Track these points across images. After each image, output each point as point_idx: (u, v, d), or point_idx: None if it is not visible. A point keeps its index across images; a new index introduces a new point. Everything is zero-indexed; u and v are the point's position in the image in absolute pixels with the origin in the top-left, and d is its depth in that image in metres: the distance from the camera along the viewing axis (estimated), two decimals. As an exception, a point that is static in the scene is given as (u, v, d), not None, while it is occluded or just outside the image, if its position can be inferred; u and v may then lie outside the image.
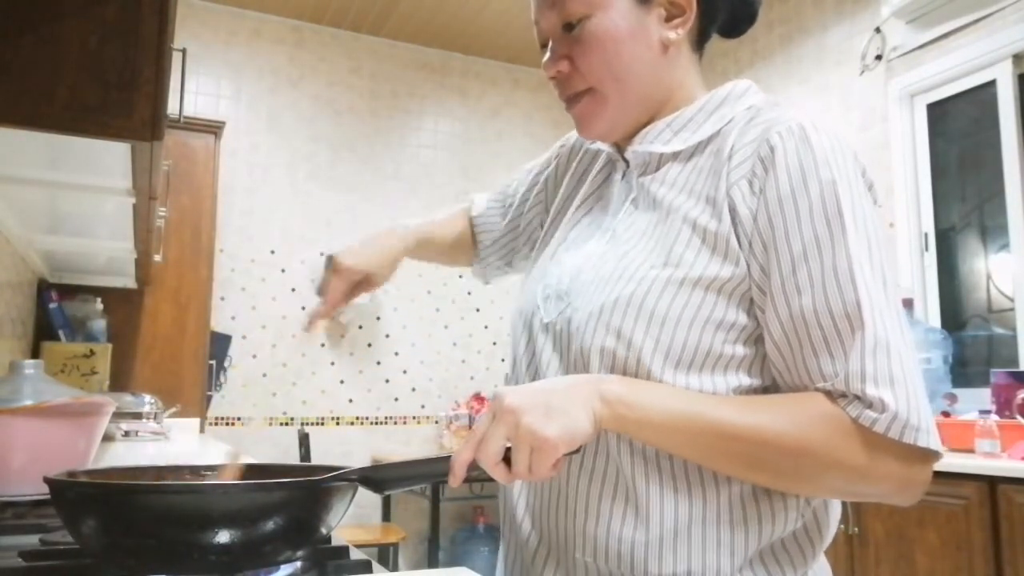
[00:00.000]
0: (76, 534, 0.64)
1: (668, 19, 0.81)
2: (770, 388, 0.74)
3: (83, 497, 0.62)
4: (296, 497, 0.64)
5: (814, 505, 0.77)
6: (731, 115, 0.80)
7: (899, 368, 0.66)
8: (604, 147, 0.91)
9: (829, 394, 0.68)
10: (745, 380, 0.73)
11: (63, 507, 0.64)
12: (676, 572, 0.72)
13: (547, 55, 0.84)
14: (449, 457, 0.66)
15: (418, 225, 1.07)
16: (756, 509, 0.73)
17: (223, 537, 0.59)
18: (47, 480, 0.64)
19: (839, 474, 0.67)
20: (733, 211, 0.73)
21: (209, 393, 3.61)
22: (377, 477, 0.69)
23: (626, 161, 0.86)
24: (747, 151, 0.74)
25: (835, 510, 0.80)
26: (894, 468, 0.66)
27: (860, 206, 0.71)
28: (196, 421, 3.28)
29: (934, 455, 0.67)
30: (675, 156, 0.81)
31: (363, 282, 0.98)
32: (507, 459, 0.65)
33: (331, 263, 0.97)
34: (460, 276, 4.36)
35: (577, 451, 0.66)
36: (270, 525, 0.61)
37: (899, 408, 0.64)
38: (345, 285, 0.96)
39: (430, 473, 0.70)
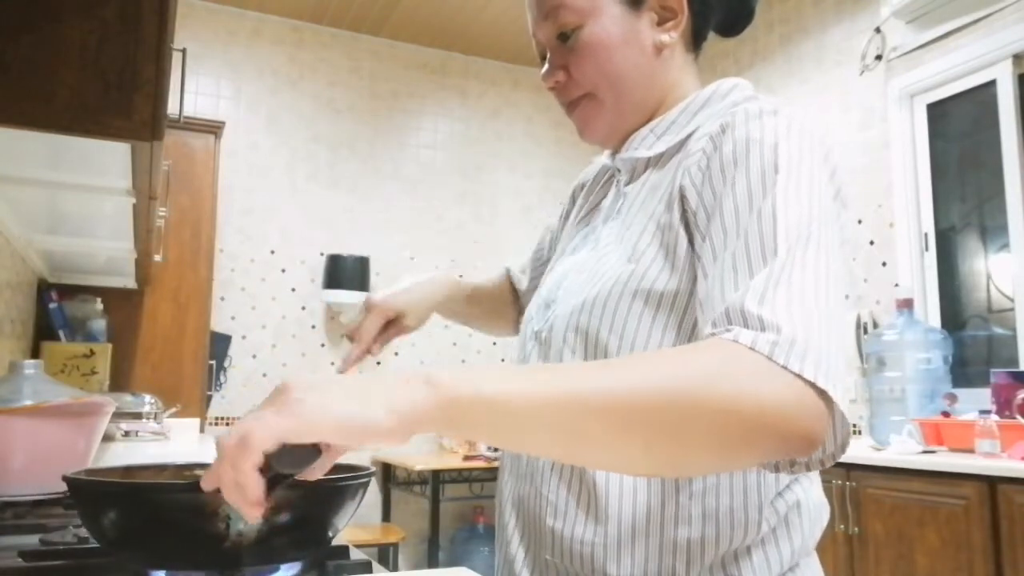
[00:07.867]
0: (95, 529, 0.65)
1: (660, 22, 0.82)
2: None
3: (103, 495, 0.63)
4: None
5: (784, 512, 0.73)
6: (712, 113, 0.79)
7: (809, 301, 0.58)
8: (607, 160, 0.92)
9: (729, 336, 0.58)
10: None
11: (82, 504, 0.65)
12: (633, 575, 0.71)
13: (545, 66, 0.85)
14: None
15: (459, 277, 1.09)
16: (716, 509, 0.71)
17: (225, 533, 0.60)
18: (66, 478, 0.65)
19: (728, 419, 0.53)
20: (684, 197, 0.72)
21: (209, 393, 3.61)
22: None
23: (619, 171, 0.88)
24: (705, 141, 0.73)
25: (815, 517, 0.76)
26: (786, 408, 0.53)
27: (802, 169, 0.65)
28: (196, 421, 3.28)
29: (825, 399, 0.55)
30: (658, 160, 0.82)
31: (395, 321, 0.99)
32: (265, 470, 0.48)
33: (365, 304, 0.98)
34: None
35: (299, 465, 0.50)
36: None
37: (796, 334, 0.55)
38: (378, 323, 0.97)
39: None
